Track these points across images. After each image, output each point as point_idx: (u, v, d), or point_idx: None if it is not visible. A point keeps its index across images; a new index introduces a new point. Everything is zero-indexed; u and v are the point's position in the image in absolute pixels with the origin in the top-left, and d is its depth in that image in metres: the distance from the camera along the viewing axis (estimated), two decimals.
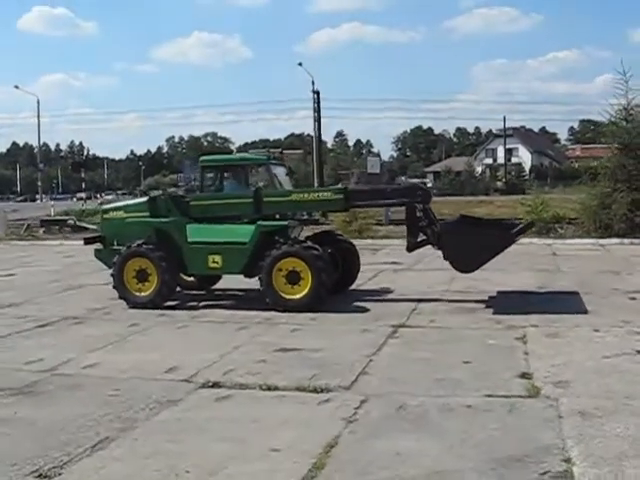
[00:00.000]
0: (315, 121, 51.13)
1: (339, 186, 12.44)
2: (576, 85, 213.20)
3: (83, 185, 76.72)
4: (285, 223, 11.53)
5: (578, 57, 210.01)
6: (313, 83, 53.94)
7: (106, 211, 12.78)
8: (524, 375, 7.09)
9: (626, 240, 20.31)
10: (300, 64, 55.27)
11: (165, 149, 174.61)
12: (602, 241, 20.54)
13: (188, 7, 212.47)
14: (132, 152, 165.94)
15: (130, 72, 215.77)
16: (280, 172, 12.46)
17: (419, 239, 11.42)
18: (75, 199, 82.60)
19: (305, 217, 12.73)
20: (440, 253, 11.13)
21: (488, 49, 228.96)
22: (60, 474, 4.96)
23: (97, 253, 12.54)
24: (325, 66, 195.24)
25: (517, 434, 5.44)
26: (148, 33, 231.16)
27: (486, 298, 11.65)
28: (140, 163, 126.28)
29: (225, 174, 12.65)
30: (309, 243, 10.92)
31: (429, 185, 74.19)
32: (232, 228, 11.58)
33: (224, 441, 5.52)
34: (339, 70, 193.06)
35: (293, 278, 10.74)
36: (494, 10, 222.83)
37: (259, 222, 11.21)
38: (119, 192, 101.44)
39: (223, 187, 12.51)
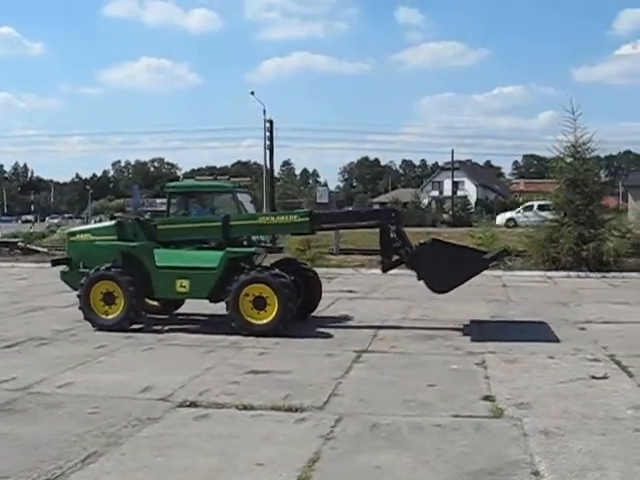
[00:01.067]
0: (267, 149, 51.56)
1: (305, 209, 12.72)
2: (520, 120, 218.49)
3: (32, 207, 75.79)
4: (252, 250, 11.83)
5: (523, 93, 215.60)
6: (265, 112, 54.52)
7: (73, 234, 12.89)
8: (487, 397, 7.48)
9: (572, 273, 21.04)
10: (252, 93, 55.91)
11: (111, 173, 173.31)
12: (549, 273, 21.24)
13: (137, 32, 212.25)
14: (77, 175, 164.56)
15: (76, 95, 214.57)
16: (245, 199, 12.77)
17: (393, 259, 11.70)
18: (20, 221, 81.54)
19: (269, 245, 13.01)
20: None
21: (435, 83, 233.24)
22: None
23: (63, 275, 12.63)
24: (273, 95, 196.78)
25: (487, 451, 5.81)
26: (96, 56, 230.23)
27: (443, 326, 12.06)
28: (87, 187, 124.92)
29: (191, 200, 12.90)
30: (277, 271, 11.20)
31: None
32: (200, 253, 11.82)
33: (210, 456, 5.77)
34: (286, 99, 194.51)
35: (259, 304, 11.01)
36: (441, 44, 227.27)
37: (228, 248, 11.46)
38: (66, 215, 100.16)
39: (189, 213, 12.76)
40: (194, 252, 11.88)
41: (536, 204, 45.77)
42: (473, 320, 12.72)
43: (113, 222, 12.45)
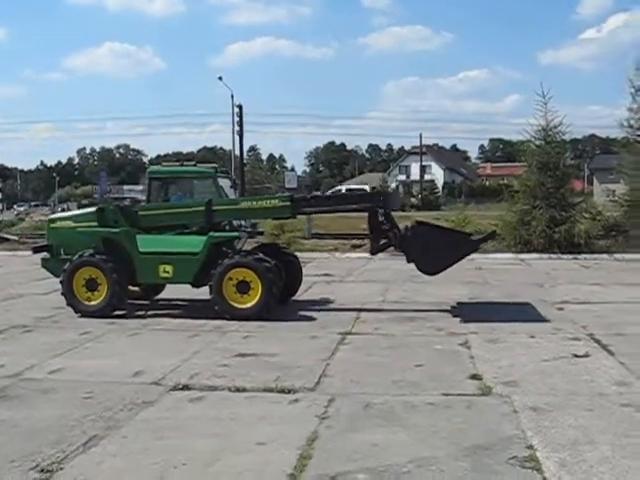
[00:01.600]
0: (237, 134, 51.43)
1: (286, 194, 12.79)
2: (486, 104, 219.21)
3: (0, 195, 74.90)
4: (236, 234, 11.92)
5: (488, 76, 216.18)
6: (232, 97, 54.26)
7: (53, 220, 12.86)
8: (474, 376, 7.66)
9: (544, 255, 21.40)
10: (220, 78, 55.50)
11: (76, 160, 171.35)
12: (522, 256, 21.57)
13: (99, 17, 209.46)
14: (42, 163, 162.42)
15: (39, 81, 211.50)
16: (225, 184, 12.81)
17: (381, 243, 11.84)
18: None
19: (250, 229, 13.09)
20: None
21: (400, 67, 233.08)
22: (61, 468, 5.23)
23: (44, 262, 12.58)
24: (238, 80, 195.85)
25: (480, 427, 5.98)
26: (59, 42, 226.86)
27: (423, 308, 12.24)
28: (54, 174, 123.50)
29: (172, 185, 12.92)
30: (260, 255, 11.29)
31: None
32: (183, 239, 11.87)
33: (209, 437, 5.87)
34: (252, 84, 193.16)
35: (243, 288, 11.10)
36: (406, 28, 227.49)
37: (210, 233, 11.52)
38: (32, 203, 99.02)
39: (169, 198, 12.78)
40: (177, 237, 11.93)
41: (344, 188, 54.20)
42: (452, 301, 12.92)
43: (94, 208, 12.39)
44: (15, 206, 77.62)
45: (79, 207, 40.81)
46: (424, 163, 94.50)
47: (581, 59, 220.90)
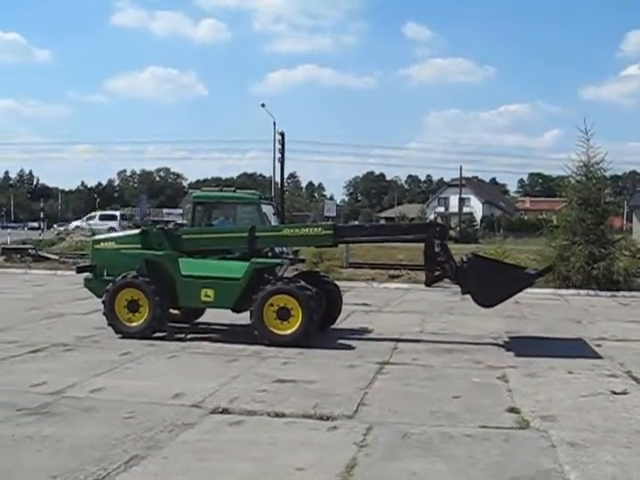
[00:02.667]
0: (278, 162, 51.87)
1: (329, 222, 12.93)
2: (526, 138, 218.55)
3: (42, 215, 75.96)
4: (278, 261, 12.05)
5: (528, 111, 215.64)
6: (274, 124, 54.79)
7: (97, 242, 13.09)
8: (512, 410, 7.66)
9: (582, 291, 21.21)
10: (263, 105, 56.17)
11: (116, 182, 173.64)
12: (560, 291, 21.39)
13: (145, 41, 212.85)
14: (82, 183, 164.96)
15: (83, 102, 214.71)
16: (268, 211, 12.96)
17: (436, 274, 11.81)
18: (27, 229, 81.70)
19: (291, 256, 13.20)
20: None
21: (441, 99, 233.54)
22: None
23: (87, 282, 12.78)
24: (279, 107, 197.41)
25: (518, 460, 5.99)
26: (103, 65, 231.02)
27: (461, 340, 12.24)
28: (95, 195, 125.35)
29: (215, 210, 13.08)
30: (303, 283, 11.38)
31: None
32: (225, 263, 12.01)
33: (249, 461, 5.95)
34: (292, 112, 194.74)
35: (283, 314, 11.18)
36: (448, 60, 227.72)
37: (253, 259, 11.65)
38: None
39: (212, 223, 12.94)
40: (219, 262, 12.06)
41: (98, 214, 63.56)
42: (490, 335, 12.89)
43: (138, 231, 12.60)
44: (55, 225, 78.61)
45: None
46: (463, 196, 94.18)
47: (622, 95, 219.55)
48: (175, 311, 12.91)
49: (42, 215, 75.94)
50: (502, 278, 11.38)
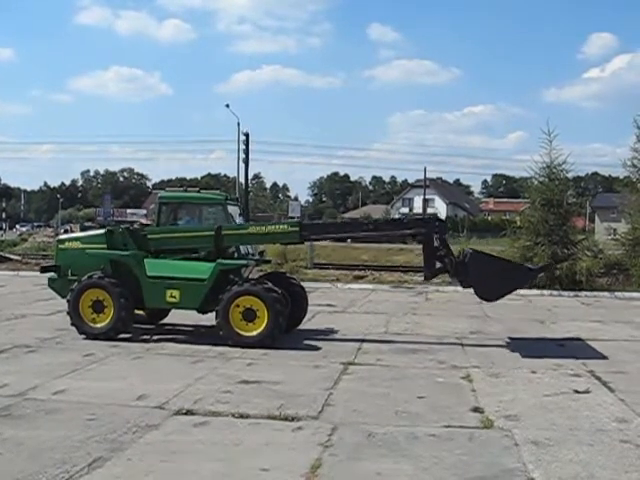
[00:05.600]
0: (243, 162, 51.62)
1: (295, 220, 12.93)
2: (490, 139, 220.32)
3: (3, 215, 74.84)
4: (244, 262, 12.00)
5: (492, 112, 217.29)
6: (239, 124, 54.57)
7: (62, 241, 12.91)
8: (476, 409, 7.73)
9: (546, 291, 21.40)
10: (227, 105, 55.92)
11: (80, 182, 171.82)
12: (523, 291, 21.50)
13: (109, 40, 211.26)
14: (45, 184, 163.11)
15: (46, 101, 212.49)
16: (234, 211, 12.90)
17: (436, 267, 11.87)
18: None
19: (257, 257, 13.15)
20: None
21: (406, 100, 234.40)
22: None
23: (51, 282, 12.61)
24: (244, 107, 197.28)
25: (482, 459, 6.05)
26: (66, 64, 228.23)
27: (425, 340, 12.30)
28: (58, 196, 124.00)
29: (181, 211, 12.98)
30: (269, 285, 11.34)
31: None
32: (191, 264, 11.92)
33: (214, 461, 5.94)
34: (257, 112, 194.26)
35: (249, 316, 11.15)
36: (413, 62, 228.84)
37: (219, 260, 11.60)
38: (35, 224, 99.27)
39: (177, 223, 12.83)
40: (185, 263, 11.98)
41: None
42: (454, 335, 12.96)
43: (103, 230, 12.47)
44: (17, 226, 77.63)
45: (82, 229, 41.01)
46: (427, 197, 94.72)
47: (584, 97, 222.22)
48: (139, 312, 12.79)
49: (4, 215, 74.88)
50: (504, 273, 11.56)
